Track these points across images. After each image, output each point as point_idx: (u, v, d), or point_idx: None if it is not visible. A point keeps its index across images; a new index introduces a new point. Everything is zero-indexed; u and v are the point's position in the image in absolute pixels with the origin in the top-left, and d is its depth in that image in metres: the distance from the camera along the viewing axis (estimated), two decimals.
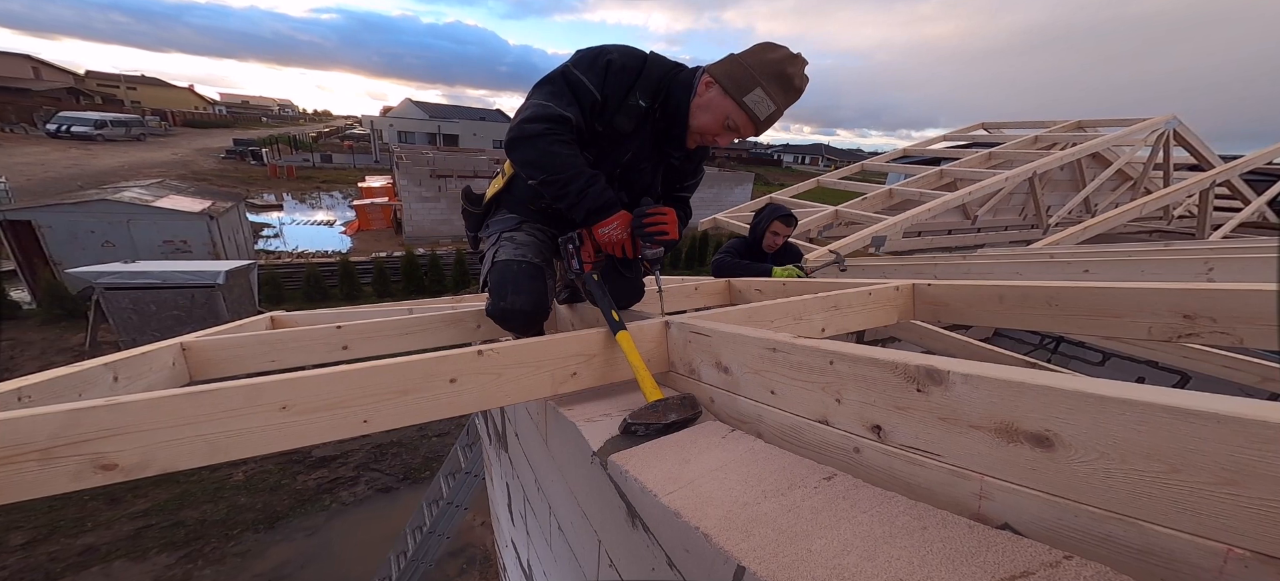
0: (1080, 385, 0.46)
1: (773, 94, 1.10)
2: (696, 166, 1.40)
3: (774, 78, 1.09)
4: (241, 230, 12.26)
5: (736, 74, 1.11)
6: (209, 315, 6.96)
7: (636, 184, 1.31)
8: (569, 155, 1.14)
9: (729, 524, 0.56)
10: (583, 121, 1.16)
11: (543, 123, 1.12)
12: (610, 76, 1.15)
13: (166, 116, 45.68)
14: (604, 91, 1.15)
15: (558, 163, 1.13)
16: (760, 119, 1.12)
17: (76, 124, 29.21)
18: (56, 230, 9.09)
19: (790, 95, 1.11)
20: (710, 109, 1.16)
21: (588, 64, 1.15)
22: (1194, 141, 5.29)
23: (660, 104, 1.21)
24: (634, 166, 1.28)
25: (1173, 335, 0.97)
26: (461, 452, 3.47)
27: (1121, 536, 0.44)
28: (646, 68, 1.17)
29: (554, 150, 1.12)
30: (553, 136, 1.12)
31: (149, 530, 4.79)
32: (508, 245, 1.26)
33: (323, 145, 38.33)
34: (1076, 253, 2.66)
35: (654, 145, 1.27)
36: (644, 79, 1.17)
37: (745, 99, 1.10)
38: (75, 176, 18.49)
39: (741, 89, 1.10)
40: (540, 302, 1.21)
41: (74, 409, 0.64)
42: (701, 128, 1.19)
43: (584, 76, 1.14)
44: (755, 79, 1.09)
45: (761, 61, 1.10)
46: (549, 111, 1.12)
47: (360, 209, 17.82)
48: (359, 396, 0.79)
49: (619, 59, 1.15)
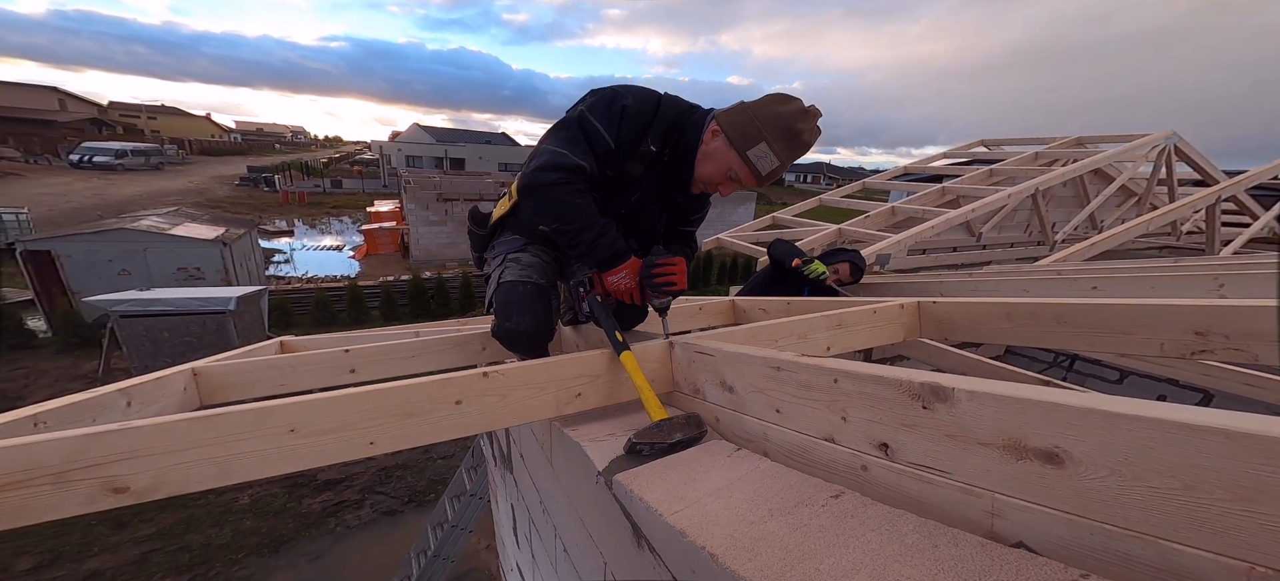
0: (1087, 401, 0.46)
1: (777, 149, 1.07)
2: (702, 202, 1.39)
3: (781, 132, 1.06)
4: (253, 256, 12.46)
5: (743, 125, 1.09)
6: (220, 341, 7.03)
7: (642, 223, 1.31)
8: (582, 205, 1.14)
9: (735, 543, 0.56)
10: (597, 169, 1.16)
11: (558, 172, 1.12)
12: (625, 123, 1.14)
13: (184, 145, 47.03)
14: (619, 139, 1.14)
15: (571, 212, 1.14)
16: (762, 173, 1.10)
17: (98, 154, 30.13)
18: (75, 259, 9.30)
19: (796, 150, 1.09)
20: (714, 159, 1.14)
21: (603, 110, 1.14)
22: (1195, 156, 5.28)
23: (670, 148, 1.20)
24: (640, 207, 1.28)
25: (1186, 352, 0.96)
26: (466, 475, 3.44)
27: (1140, 555, 0.43)
28: (660, 112, 1.16)
29: (569, 200, 1.13)
30: (567, 186, 1.13)
31: (154, 554, 4.76)
32: (513, 266, 1.27)
33: (333, 171, 39.20)
34: (1084, 269, 2.64)
35: (661, 187, 1.27)
36: (656, 124, 1.16)
37: (749, 152, 1.08)
38: (96, 206, 18.99)
39: (746, 142, 1.08)
40: (545, 323, 1.22)
41: (87, 434, 0.65)
42: (705, 177, 1.19)
43: (599, 123, 1.13)
44: (762, 133, 1.07)
45: (771, 115, 1.07)
46: (565, 161, 1.12)
47: (368, 234, 18.10)
48: (365, 419, 0.79)
49: (634, 105, 1.14)
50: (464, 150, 35.97)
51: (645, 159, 1.18)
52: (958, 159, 6.58)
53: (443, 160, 34.34)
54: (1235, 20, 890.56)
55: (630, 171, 1.19)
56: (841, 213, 4.64)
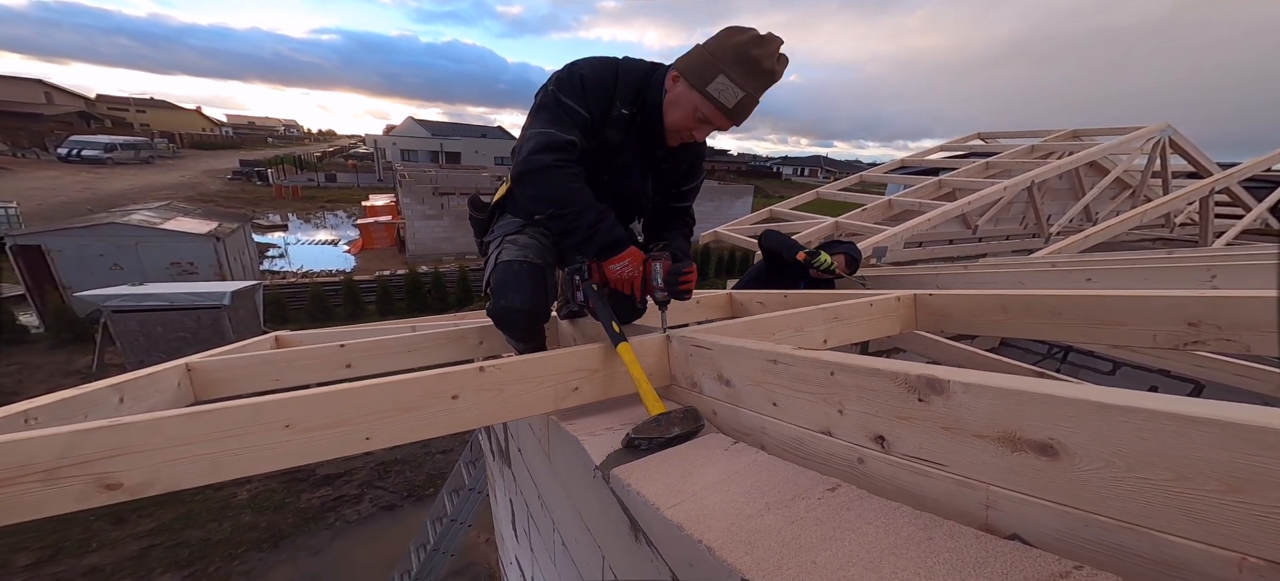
0: (1081, 393, 0.46)
1: (738, 79, 1.05)
2: (691, 168, 1.36)
3: (738, 62, 1.04)
4: (247, 251, 12.36)
5: (698, 64, 1.07)
6: (215, 336, 6.99)
7: (625, 190, 1.29)
8: (578, 189, 1.13)
9: (732, 536, 0.56)
10: (582, 143, 1.16)
11: (550, 153, 1.12)
12: (589, 93, 1.15)
13: (175, 139, 46.46)
14: (590, 110, 1.15)
15: (567, 196, 1.12)
16: (728, 107, 1.08)
17: (87, 148, 29.74)
18: (65, 254, 9.20)
19: (760, 78, 1.05)
20: (679, 105, 1.14)
21: (569, 86, 1.15)
22: (1189, 149, 5.30)
23: (640, 109, 1.20)
24: (624, 172, 1.28)
25: (1178, 343, 0.97)
26: (465, 469, 3.44)
27: (1133, 546, 0.44)
28: (620, 75, 1.17)
29: (564, 183, 1.12)
30: (561, 168, 1.12)
31: (154, 550, 4.76)
32: (511, 247, 1.27)
33: (327, 165, 38.85)
34: (1079, 261, 2.65)
35: (640, 150, 1.27)
36: (621, 87, 1.17)
37: (708, 88, 1.06)
38: (86, 200, 18.77)
39: (704, 79, 1.07)
40: (540, 302, 1.21)
41: (78, 430, 0.64)
42: (674, 124, 1.17)
43: (570, 99, 1.14)
44: (718, 66, 1.05)
45: (725, 47, 1.05)
46: (555, 139, 1.12)
47: (364, 228, 17.96)
48: (361, 414, 0.79)
49: (592, 73, 1.15)
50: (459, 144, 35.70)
51: (620, 123, 1.19)
52: (954, 152, 6.58)
53: (438, 154, 34.08)
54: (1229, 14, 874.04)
55: (610, 138, 1.20)
56: (838, 206, 4.64)
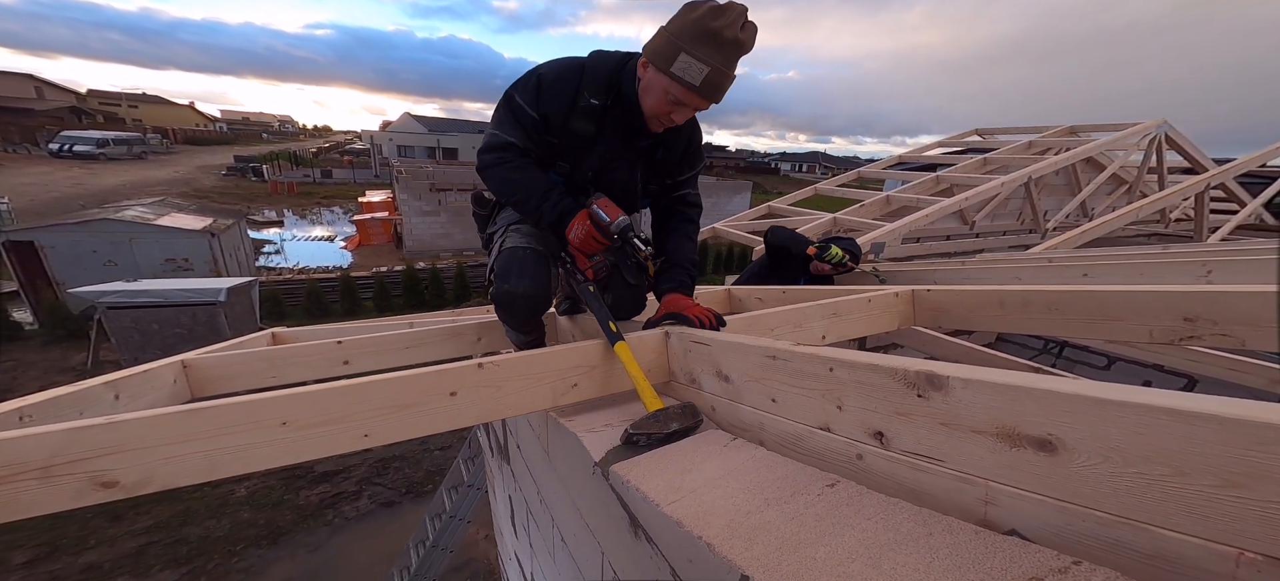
0: (1079, 388, 0.46)
1: (701, 55, 1.02)
2: (686, 154, 1.34)
3: (697, 38, 1.01)
4: (243, 247, 12.29)
5: (661, 46, 1.07)
6: (211, 332, 6.95)
7: (614, 183, 1.29)
8: (520, 177, 1.21)
9: (732, 533, 0.56)
10: (531, 142, 1.21)
11: (493, 153, 1.22)
12: (543, 93, 1.17)
13: (168, 134, 46.03)
14: (540, 110, 1.18)
15: (513, 186, 1.22)
16: (696, 85, 1.05)
17: (79, 143, 29.44)
18: (59, 250, 9.12)
19: (725, 50, 1.02)
20: (651, 91, 1.13)
21: (522, 86, 1.19)
22: (1185, 144, 5.32)
23: (614, 98, 1.19)
24: (607, 166, 1.28)
25: (1174, 338, 0.97)
26: (464, 465, 3.45)
27: (1130, 541, 0.44)
28: (587, 69, 1.18)
29: (507, 177, 1.22)
30: (503, 164, 1.21)
31: (152, 547, 4.75)
32: (515, 235, 1.30)
33: (323, 161, 38.59)
34: (1075, 257, 2.66)
35: (623, 141, 1.26)
36: (588, 79, 1.17)
37: (672, 69, 1.05)
38: (78, 196, 18.60)
39: (667, 60, 1.05)
40: (542, 287, 1.24)
41: (73, 428, 0.64)
42: (651, 110, 1.16)
43: (522, 100, 1.18)
44: (678, 45, 1.03)
45: (682, 25, 1.03)
46: (496, 140, 1.21)
47: (361, 224, 17.88)
48: (359, 411, 0.79)
49: (551, 73, 1.18)
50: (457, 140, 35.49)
51: (590, 115, 1.20)
52: (952, 148, 6.59)
53: (435, 150, 33.86)
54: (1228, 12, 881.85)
55: (580, 131, 1.21)
56: (837, 201, 4.64)
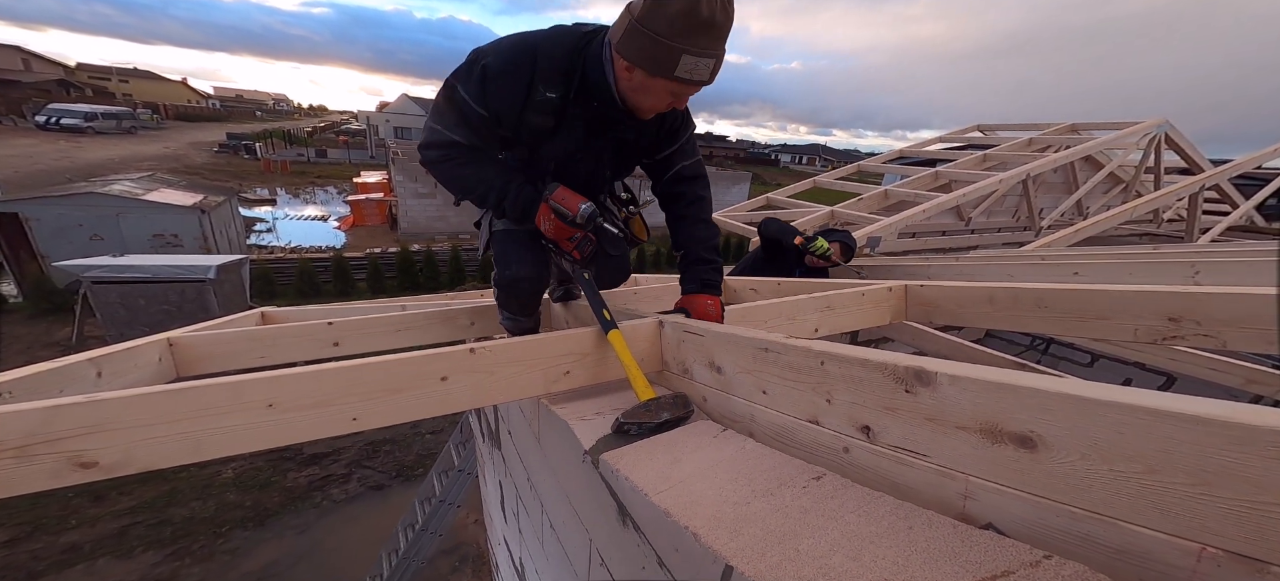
0: (1062, 386, 0.46)
1: (702, 48, 0.93)
2: (671, 130, 1.24)
3: (692, 32, 0.91)
4: (234, 225, 12.12)
5: (650, 50, 0.94)
6: (200, 310, 6.88)
7: (579, 173, 1.21)
8: (472, 172, 1.12)
9: (718, 523, 0.56)
10: (479, 139, 1.09)
11: (436, 150, 1.11)
12: (490, 88, 1.02)
13: (158, 110, 45.08)
14: (489, 107, 1.04)
15: (465, 181, 1.13)
16: (704, 80, 0.98)
17: (66, 116, 28.77)
18: (44, 223, 8.96)
19: (715, 32, 0.93)
20: (649, 92, 1.02)
21: (466, 77, 1.03)
22: (1184, 145, 5.34)
23: (576, 90, 1.07)
24: (571, 158, 1.18)
25: (1158, 337, 0.99)
26: (455, 450, 3.46)
27: (1099, 535, 0.45)
28: (540, 58, 1.03)
29: (456, 173, 1.12)
30: (449, 161, 1.11)
31: (135, 528, 4.74)
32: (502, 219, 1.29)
33: (317, 140, 38.03)
34: (1067, 255, 2.68)
35: (588, 132, 1.15)
36: (542, 71, 1.03)
37: (678, 73, 0.95)
38: (64, 169, 18.22)
39: (668, 66, 0.94)
40: (542, 268, 1.26)
41: (52, 406, 0.63)
42: (651, 107, 1.07)
43: (467, 95, 1.04)
44: (675, 47, 0.92)
45: (666, 22, 0.90)
46: (439, 137, 1.09)
47: (355, 204, 17.69)
48: (348, 394, 0.78)
49: (496, 65, 1.01)
50: None
51: (547, 108, 1.07)
52: (953, 144, 6.58)
53: None
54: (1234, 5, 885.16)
55: (534, 124, 1.08)
56: (835, 195, 4.64)
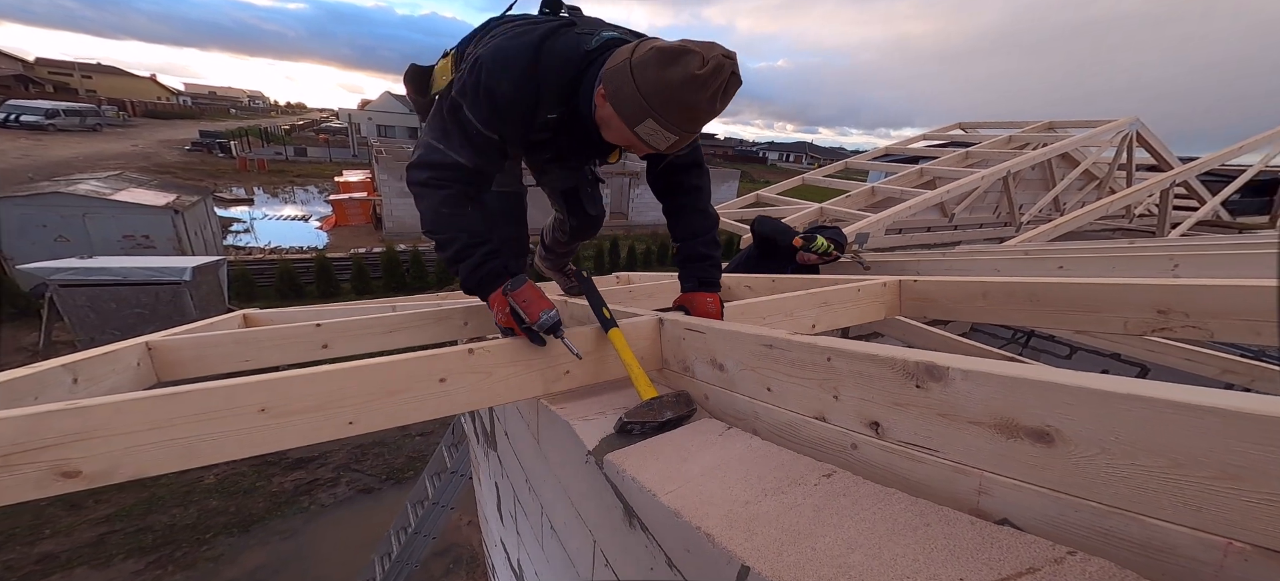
0: (1082, 381, 0.46)
1: (669, 123, 0.89)
2: None
3: (667, 106, 0.88)
4: (209, 225, 11.77)
5: (628, 98, 0.91)
6: (175, 313, 6.66)
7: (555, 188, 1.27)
8: (451, 214, 1.02)
9: (731, 523, 0.55)
10: (484, 162, 1.04)
11: (431, 171, 1.02)
12: (501, 115, 0.99)
13: (125, 106, 43.47)
14: (502, 132, 1.02)
15: (441, 221, 1.02)
16: (660, 149, 0.95)
17: (26, 113, 27.73)
18: (5, 223, 8.58)
19: (693, 119, 0.90)
20: (611, 128, 0.98)
21: (474, 102, 0.99)
22: (1154, 143, 5.52)
23: (571, 113, 1.05)
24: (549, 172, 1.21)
25: (1147, 329, 1.01)
26: (447, 452, 3.41)
27: (1122, 531, 0.45)
28: (542, 80, 0.99)
29: (438, 208, 1.02)
30: (441, 188, 1.02)
31: (113, 536, 4.59)
32: None
33: (296, 138, 37.06)
34: (1049, 249, 2.75)
35: (574, 152, 1.15)
36: (546, 93, 1.00)
37: (638, 129, 0.93)
38: (25, 167, 17.48)
39: (633, 118, 0.92)
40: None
41: (36, 413, 0.60)
42: (610, 139, 1.03)
43: (477, 120, 0.99)
44: (645, 109, 0.89)
45: (655, 85, 0.87)
46: (439, 157, 1.01)
47: (337, 204, 17.32)
48: (344, 397, 0.76)
49: (510, 92, 0.97)
50: None
51: (546, 127, 1.06)
52: (936, 141, 6.70)
53: (417, 130, 32.84)
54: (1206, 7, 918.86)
55: (534, 142, 1.10)
56: (824, 192, 4.68)
